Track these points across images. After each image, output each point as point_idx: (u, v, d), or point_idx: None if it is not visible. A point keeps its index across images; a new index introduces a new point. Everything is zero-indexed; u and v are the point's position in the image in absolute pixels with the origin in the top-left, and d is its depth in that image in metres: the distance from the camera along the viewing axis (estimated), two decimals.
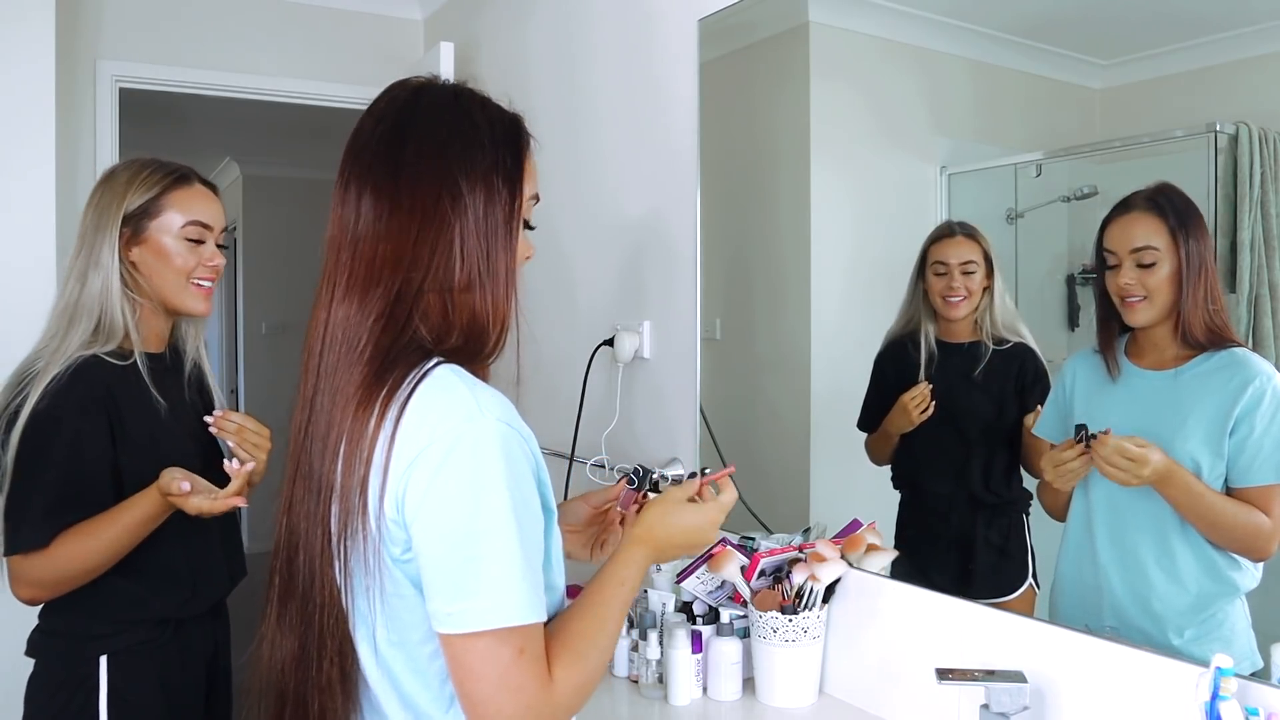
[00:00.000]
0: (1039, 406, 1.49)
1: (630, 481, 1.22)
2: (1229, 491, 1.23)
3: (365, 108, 1.04)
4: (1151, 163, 1.36)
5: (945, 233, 1.64)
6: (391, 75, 1.10)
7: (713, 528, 1.13)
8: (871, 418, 1.78)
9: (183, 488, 1.41)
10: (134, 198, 1.54)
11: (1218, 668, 1.04)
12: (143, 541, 1.46)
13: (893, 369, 1.75)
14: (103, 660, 1.49)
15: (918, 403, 1.69)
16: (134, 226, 1.54)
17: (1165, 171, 1.31)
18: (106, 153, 3.20)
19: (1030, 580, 1.53)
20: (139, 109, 3.61)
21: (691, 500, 1.12)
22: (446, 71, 2.85)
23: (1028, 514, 1.55)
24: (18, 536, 1.42)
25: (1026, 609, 1.49)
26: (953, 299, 1.62)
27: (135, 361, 1.52)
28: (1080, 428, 1.32)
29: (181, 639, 1.57)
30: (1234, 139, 1.21)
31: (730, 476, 1.18)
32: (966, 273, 1.61)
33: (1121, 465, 1.28)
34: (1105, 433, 1.29)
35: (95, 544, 1.42)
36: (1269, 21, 1.20)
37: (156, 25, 3.26)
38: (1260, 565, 1.22)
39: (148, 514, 1.44)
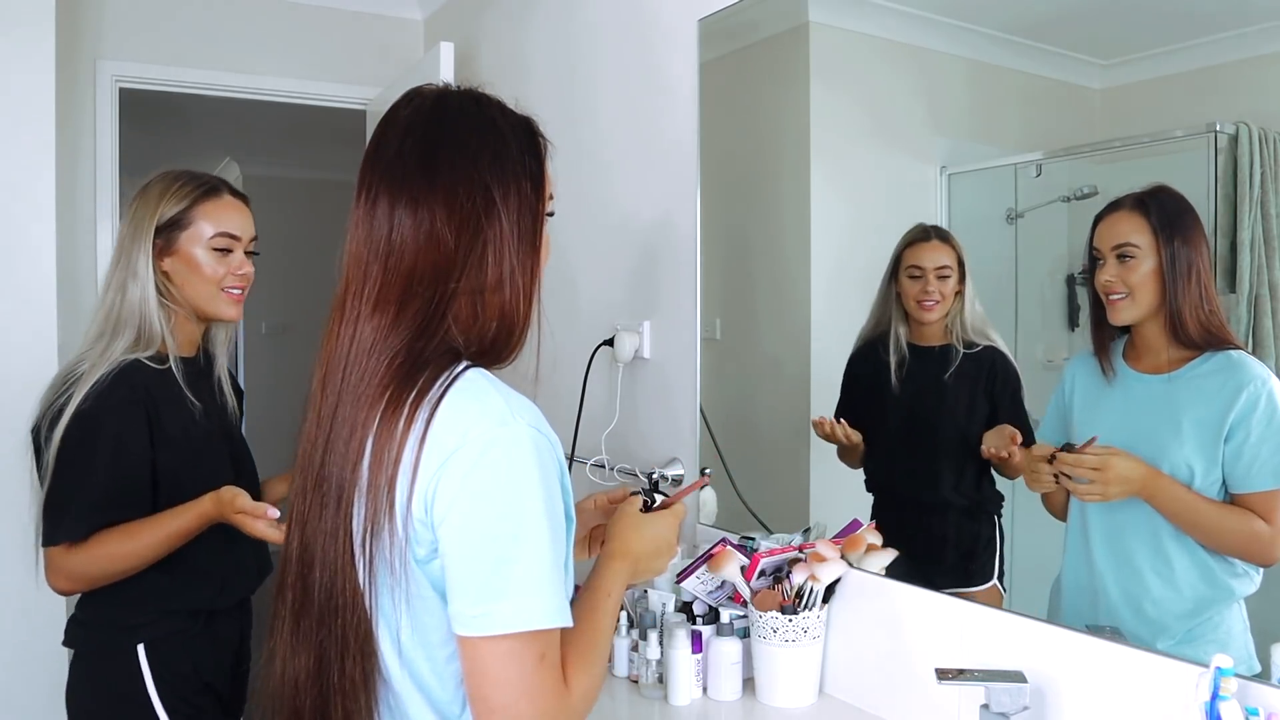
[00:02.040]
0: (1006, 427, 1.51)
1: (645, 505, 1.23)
2: (1230, 498, 1.22)
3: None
4: (1151, 163, 1.36)
5: (920, 237, 1.65)
6: (391, 75, 1.10)
7: (673, 534, 1.17)
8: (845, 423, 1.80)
9: (271, 513, 1.48)
10: (165, 209, 1.59)
11: (1218, 668, 1.04)
12: None
13: (863, 373, 1.76)
14: (140, 648, 1.55)
15: (827, 431, 1.77)
16: (165, 238, 1.60)
17: (1165, 171, 1.31)
18: (106, 153, 3.20)
19: (995, 580, 1.54)
20: (139, 109, 3.61)
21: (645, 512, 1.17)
22: (446, 71, 2.85)
23: (999, 515, 1.56)
24: (58, 529, 1.48)
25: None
26: (927, 303, 1.63)
27: (171, 366, 1.58)
28: (1067, 446, 1.33)
29: (212, 629, 1.64)
30: (1234, 139, 1.20)
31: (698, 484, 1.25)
32: (941, 278, 1.62)
33: (1084, 478, 1.29)
34: (1084, 445, 1.29)
35: (136, 546, 1.49)
36: (1269, 21, 1.19)
37: (156, 25, 3.26)
38: (1260, 571, 1.21)
39: (193, 526, 1.51)
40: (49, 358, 2.57)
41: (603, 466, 2.28)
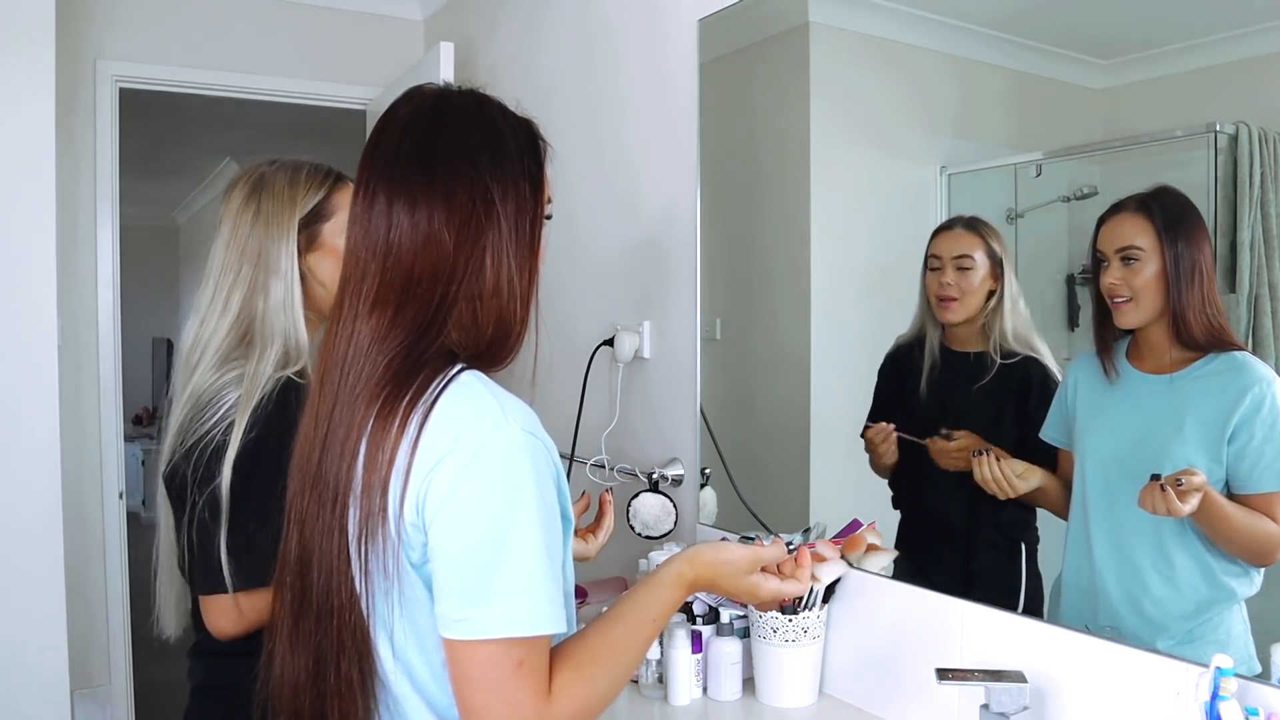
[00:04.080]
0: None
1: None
2: (1231, 498, 1.22)
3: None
4: (1151, 163, 1.36)
5: (944, 225, 1.59)
6: (391, 75, 1.10)
7: (755, 600, 1.11)
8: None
9: None
10: (306, 200, 1.46)
11: (1218, 668, 1.04)
12: None
13: (894, 377, 1.70)
14: None
15: (880, 439, 1.65)
16: (307, 232, 1.45)
17: (1165, 171, 1.31)
18: (106, 153, 3.20)
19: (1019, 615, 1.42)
20: (139, 109, 3.61)
21: (764, 569, 1.09)
22: (446, 71, 2.85)
23: (1027, 544, 1.48)
24: (246, 574, 1.32)
25: None
26: (945, 297, 1.54)
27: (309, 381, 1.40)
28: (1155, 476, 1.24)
29: None
30: (1234, 139, 1.20)
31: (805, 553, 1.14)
32: (961, 269, 1.53)
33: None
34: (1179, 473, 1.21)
35: None
36: (1269, 21, 1.19)
37: (156, 25, 3.26)
38: (1261, 572, 1.21)
39: None
40: (49, 357, 2.57)
41: (603, 466, 2.28)
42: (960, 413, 1.59)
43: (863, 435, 1.74)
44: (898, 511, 1.72)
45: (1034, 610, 1.44)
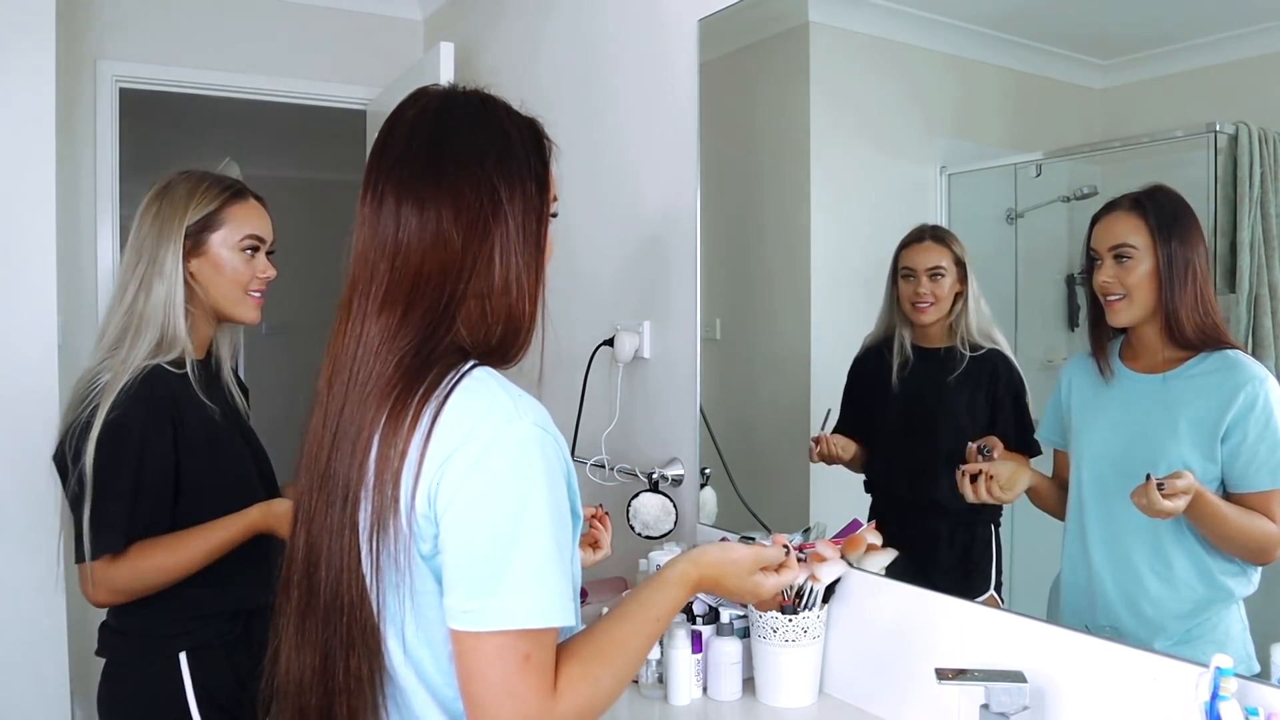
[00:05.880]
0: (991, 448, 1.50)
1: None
2: (1227, 497, 1.22)
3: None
4: (1151, 163, 1.36)
5: (914, 238, 1.64)
6: (391, 75, 1.10)
7: (758, 599, 1.15)
8: (846, 426, 1.80)
9: None
10: (195, 211, 1.59)
11: (1217, 668, 1.04)
12: None
13: (866, 376, 1.75)
14: (182, 657, 1.54)
15: (829, 449, 1.77)
16: (195, 239, 1.60)
17: (1165, 171, 1.31)
18: (106, 153, 3.20)
19: (992, 591, 1.53)
20: (139, 109, 3.61)
21: (764, 569, 1.13)
22: (446, 71, 2.85)
23: (997, 524, 1.55)
24: (97, 543, 1.47)
25: None
26: (920, 304, 1.62)
27: (188, 370, 1.57)
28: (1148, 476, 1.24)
29: (249, 633, 1.62)
30: (1234, 139, 1.20)
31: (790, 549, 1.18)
32: (934, 278, 1.61)
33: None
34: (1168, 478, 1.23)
35: (181, 559, 1.50)
36: (1269, 21, 1.19)
37: (156, 25, 3.27)
38: (1258, 571, 1.21)
39: (239, 538, 1.54)
40: (49, 357, 2.57)
41: (603, 466, 2.28)
42: (933, 404, 1.65)
43: (821, 457, 1.82)
44: (868, 495, 1.76)
45: (998, 587, 1.52)
